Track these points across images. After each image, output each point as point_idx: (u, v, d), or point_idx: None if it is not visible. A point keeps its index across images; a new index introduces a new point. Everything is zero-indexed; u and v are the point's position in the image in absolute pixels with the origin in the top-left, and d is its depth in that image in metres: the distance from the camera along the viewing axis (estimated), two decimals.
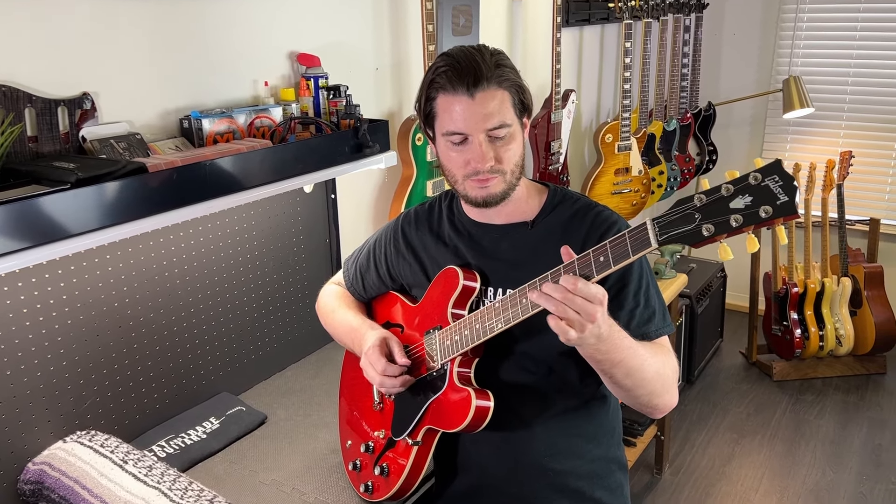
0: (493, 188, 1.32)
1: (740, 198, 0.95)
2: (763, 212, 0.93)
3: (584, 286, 1.10)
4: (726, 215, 0.96)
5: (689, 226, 0.99)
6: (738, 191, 0.95)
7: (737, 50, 4.39)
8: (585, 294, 1.10)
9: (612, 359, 1.19)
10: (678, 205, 1.00)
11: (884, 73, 4.03)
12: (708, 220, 0.97)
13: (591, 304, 1.10)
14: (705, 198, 0.98)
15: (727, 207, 0.96)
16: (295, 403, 1.91)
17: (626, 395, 1.29)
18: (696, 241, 0.99)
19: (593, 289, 1.10)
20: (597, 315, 1.10)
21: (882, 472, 3.11)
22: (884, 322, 3.78)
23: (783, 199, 0.92)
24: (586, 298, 1.10)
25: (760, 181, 0.94)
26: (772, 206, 0.92)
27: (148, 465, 1.48)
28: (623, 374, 1.22)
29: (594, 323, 1.10)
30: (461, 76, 1.26)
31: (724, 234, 0.96)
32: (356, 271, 1.62)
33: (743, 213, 0.95)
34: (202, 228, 1.81)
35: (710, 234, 0.97)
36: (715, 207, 0.97)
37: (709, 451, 3.28)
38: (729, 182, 0.96)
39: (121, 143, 1.54)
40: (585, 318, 1.10)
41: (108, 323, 1.64)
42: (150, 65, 1.65)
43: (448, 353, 1.33)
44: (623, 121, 3.28)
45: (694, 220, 0.98)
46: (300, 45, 2.00)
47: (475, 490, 1.45)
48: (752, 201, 0.94)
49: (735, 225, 0.95)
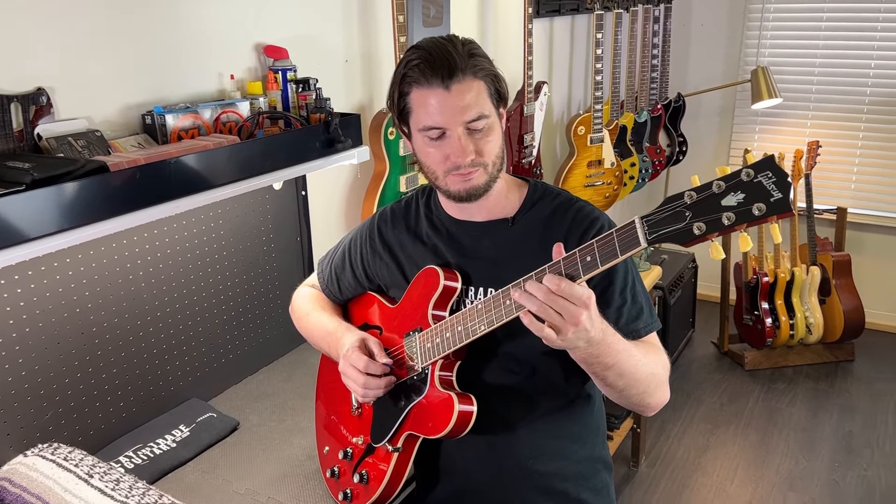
0: (475, 181, 1.28)
1: (732, 195, 0.92)
2: (756, 209, 0.90)
3: (568, 287, 1.05)
4: (718, 213, 0.93)
5: (680, 224, 0.95)
6: (730, 188, 0.92)
7: (705, 41, 4.40)
8: (569, 295, 1.05)
9: (605, 362, 1.16)
10: (668, 202, 0.97)
11: (849, 64, 4.07)
12: (699, 218, 0.94)
13: (575, 306, 1.06)
14: (696, 195, 0.95)
15: (719, 205, 0.93)
16: (268, 408, 1.86)
17: (617, 396, 1.26)
18: (686, 241, 0.95)
19: (578, 290, 1.06)
20: (580, 318, 1.06)
21: (853, 459, 3.15)
22: (852, 310, 3.83)
23: (777, 197, 0.89)
24: (570, 300, 1.06)
25: (753, 177, 0.91)
26: (765, 204, 0.89)
27: (115, 478, 1.41)
28: (616, 376, 1.20)
29: (577, 326, 1.06)
30: (435, 69, 1.21)
31: (716, 233, 0.93)
32: (331, 272, 1.57)
33: (735, 210, 0.92)
34: (167, 229, 1.74)
35: (701, 232, 0.94)
36: (706, 205, 0.94)
37: (684, 443, 3.29)
38: (720, 178, 0.93)
39: (79, 140, 1.46)
40: (569, 321, 1.06)
41: (70, 330, 1.56)
42: (110, 58, 1.58)
43: (429, 356, 1.28)
44: (595, 113, 3.25)
45: (684, 217, 0.95)
46: (267, 36, 1.93)
47: (459, 495, 1.41)
48: (745, 198, 0.91)
49: (727, 223, 0.92)
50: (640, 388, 1.24)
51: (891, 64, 3.98)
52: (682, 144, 4.17)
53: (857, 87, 4.08)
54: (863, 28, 3.99)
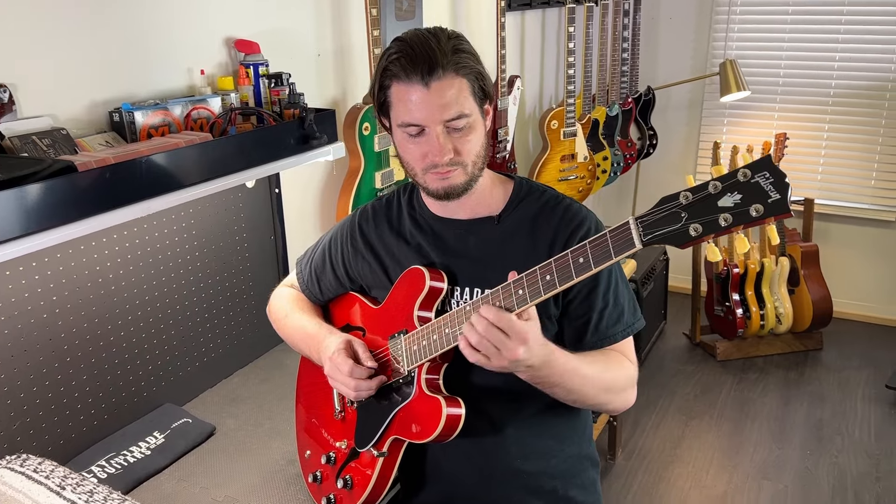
0: (453, 180, 1.25)
1: (729, 195, 0.90)
2: (754, 210, 0.88)
3: (507, 321, 1.07)
4: (714, 214, 0.91)
5: (676, 225, 0.94)
6: (727, 188, 0.90)
7: (673, 34, 4.42)
8: (508, 328, 1.07)
9: (551, 381, 1.19)
10: (662, 203, 0.95)
11: (814, 57, 4.12)
12: (695, 220, 0.92)
13: (510, 340, 1.07)
14: (691, 196, 0.93)
15: (715, 206, 0.91)
16: (244, 412, 1.81)
17: (572, 405, 1.30)
18: (682, 242, 0.94)
19: (517, 325, 1.07)
20: (518, 352, 1.08)
21: (824, 446, 3.19)
22: (820, 300, 3.88)
23: (775, 197, 0.87)
24: (507, 333, 1.07)
25: (750, 178, 0.89)
26: (763, 205, 0.88)
27: (88, 489, 1.36)
28: (564, 392, 1.23)
29: (515, 359, 1.08)
30: (415, 64, 1.18)
31: (713, 234, 0.92)
32: (310, 272, 1.53)
33: (732, 211, 0.90)
34: (137, 230, 1.68)
35: (697, 234, 0.92)
36: (702, 206, 0.92)
37: (659, 434, 3.31)
38: (716, 179, 0.91)
39: (44, 139, 1.40)
40: (507, 354, 1.08)
41: (38, 336, 1.50)
42: (74, 53, 1.51)
43: (415, 359, 1.25)
44: (568, 107, 3.24)
45: (680, 219, 0.93)
46: (237, 30, 1.88)
47: (447, 499, 1.39)
48: (742, 199, 0.89)
49: (724, 224, 0.90)
50: (592, 400, 1.27)
51: (855, 56, 4.03)
52: (652, 138, 4.19)
53: (823, 79, 4.13)
54: (827, 21, 4.04)
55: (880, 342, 4.11)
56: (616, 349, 1.31)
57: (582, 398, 1.25)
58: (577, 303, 1.30)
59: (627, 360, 1.32)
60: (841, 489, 2.93)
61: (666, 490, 2.95)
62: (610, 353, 1.30)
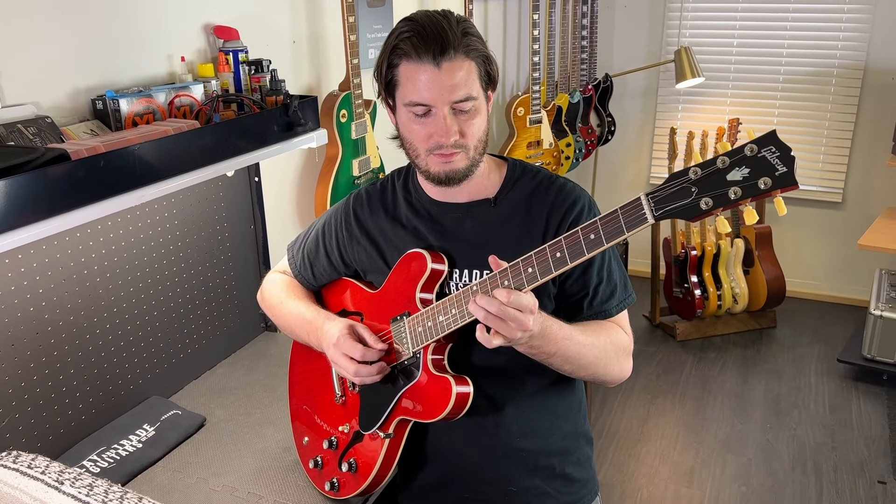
0: (456, 164, 1.26)
1: (737, 170, 0.94)
2: (763, 183, 0.93)
3: (517, 298, 1.11)
4: (724, 188, 0.95)
5: (687, 200, 0.97)
6: (735, 163, 0.95)
7: (629, 22, 4.50)
8: (518, 305, 1.11)
9: (547, 350, 1.22)
10: (672, 179, 0.99)
11: (764, 44, 4.25)
12: (706, 194, 0.96)
13: (523, 314, 1.12)
14: (701, 171, 0.97)
15: (724, 180, 0.95)
16: (233, 402, 1.80)
17: (569, 375, 1.33)
18: (693, 216, 0.97)
19: (524, 299, 1.12)
20: (529, 322, 1.12)
21: (783, 420, 3.32)
22: (773, 279, 4.03)
23: (782, 170, 0.92)
24: (518, 309, 1.11)
25: (757, 152, 0.93)
26: (771, 178, 0.92)
27: (87, 483, 1.33)
28: (561, 361, 1.25)
29: (527, 330, 1.13)
30: (427, 44, 1.18)
31: (722, 207, 0.96)
32: (303, 258, 1.52)
33: (741, 185, 0.94)
34: (120, 220, 1.65)
35: (708, 207, 0.96)
36: (712, 180, 0.96)
37: (626, 414, 3.39)
38: (724, 154, 0.95)
39: (29, 127, 1.37)
40: (518, 328, 1.12)
41: (24, 330, 1.47)
42: (54, 39, 1.48)
43: (421, 340, 1.27)
44: (533, 94, 3.28)
45: (691, 193, 0.97)
46: (215, 16, 1.85)
47: (448, 478, 1.40)
48: (750, 173, 0.94)
49: (734, 197, 0.94)
50: (589, 370, 1.30)
51: (802, 44, 4.18)
52: (610, 124, 4.27)
53: (772, 66, 4.27)
54: (776, 10, 4.18)
55: (830, 319, 4.28)
56: (612, 321, 1.35)
57: (578, 366, 1.27)
58: (572, 280, 1.33)
59: (622, 331, 1.36)
60: (801, 459, 3.05)
61: (636, 467, 3.03)
62: (604, 323, 1.34)
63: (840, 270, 4.43)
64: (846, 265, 4.39)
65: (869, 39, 4.03)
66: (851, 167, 4.26)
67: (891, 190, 4.16)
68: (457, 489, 1.41)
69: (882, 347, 3.53)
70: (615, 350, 1.34)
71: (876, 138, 4.15)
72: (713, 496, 2.85)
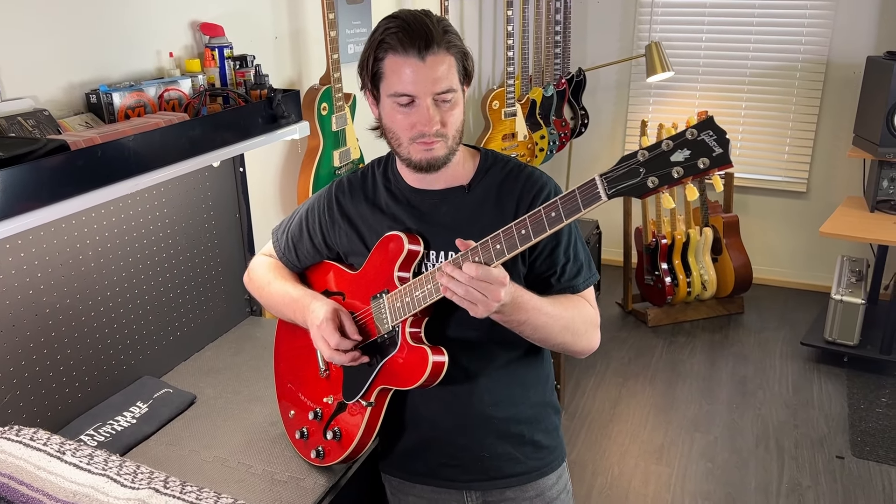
0: (436, 152, 1.36)
1: (679, 152, 1.06)
2: (701, 163, 1.04)
3: (486, 272, 1.21)
4: (668, 168, 1.06)
5: (635, 179, 1.09)
6: (678, 146, 1.06)
7: (601, 17, 4.63)
8: (487, 278, 1.21)
9: (518, 319, 1.32)
10: (623, 161, 1.10)
11: (731, 39, 4.40)
12: (652, 174, 1.07)
13: (493, 286, 1.22)
14: (648, 153, 1.08)
15: (668, 161, 1.06)
16: (222, 381, 1.89)
17: (540, 344, 1.43)
18: (642, 193, 1.08)
19: (494, 273, 1.22)
20: (500, 293, 1.22)
21: (748, 401, 3.47)
22: (741, 266, 4.18)
23: (718, 151, 1.03)
24: (489, 282, 1.21)
25: (697, 136, 1.05)
26: (708, 158, 1.04)
27: (87, 453, 1.42)
28: (531, 329, 1.35)
29: (500, 301, 1.23)
30: (413, 38, 1.28)
31: (667, 186, 1.07)
32: (287, 241, 1.62)
33: (683, 165, 1.05)
34: (113, 208, 1.73)
35: (654, 185, 1.07)
36: (657, 161, 1.07)
37: (598, 396, 3.52)
38: (668, 138, 1.06)
39: (29, 120, 1.45)
40: (491, 299, 1.22)
41: (24, 312, 1.55)
42: (50, 36, 1.56)
43: (399, 314, 1.37)
44: (508, 88, 3.39)
45: (639, 173, 1.08)
46: (201, 14, 1.94)
47: (425, 444, 1.51)
48: (691, 154, 1.05)
49: (677, 176, 1.06)
50: (558, 339, 1.40)
51: (768, 39, 4.33)
52: (584, 117, 4.39)
53: (739, 60, 4.41)
54: (742, 5, 4.32)
55: (795, 304, 4.45)
56: (579, 296, 1.46)
57: (547, 335, 1.37)
58: (540, 260, 1.44)
59: (589, 305, 1.47)
60: (764, 437, 3.20)
61: (608, 446, 3.16)
62: (573, 297, 1.45)
63: (805, 258, 4.60)
64: (811, 253, 4.55)
65: (831, 35, 4.19)
66: (815, 158, 4.42)
67: (851, 179, 4.33)
68: (434, 455, 1.52)
69: (842, 331, 3.68)
70: (582, 322, 1.44)
71: (838, 130, 4.31)
72: (681, 472, 2.98)
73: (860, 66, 3.96)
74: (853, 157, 3.91)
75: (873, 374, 3.64)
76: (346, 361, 1.42)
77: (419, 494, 1.57)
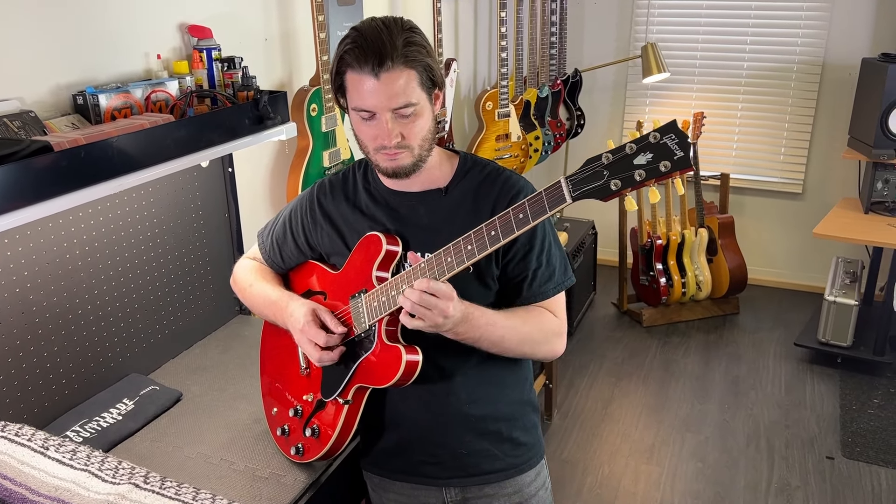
0: (400, 161, 1.38)
1: (642, 155, 1.08)
2: (663, 166, 1.06)
3: (435, 285, 1.27)
4: (631, 171, 1.08)
5: (599, 182, 1.11)
6: (641, 149, 1.08)
7: (598, 18, 4.64)
8: (436, 292, 1.26)
9: (472, 336, 1.38)
10: (588, 163, 1.12)
11: (728, 40, 4.41)
12: (615, 176, 1.09)
13: (441, 300, 1.27)
14: (612, 156, 1.10)
15: (631, 164, 1.09)
16: (208, 379, 1.92)
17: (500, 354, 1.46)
18: (605, 196, 1.11)
19: (443, 287, 1.27)
20: (448, 309, 1.26)
21: (740, 401, 3.49)
22: (736, 267, 4.19)
23: (679, 155, 1.05)
24: (437, 296, 1.26)
25: (659, 139, 1.07)
26: (670, 161, 1.06)
27: (71, 449, 1.45)
28: (487, 345, 1.41)
29: (447, 315, 1.27)
30: (367, 56, 1.29)
31: (630, 188, 1.09)
32: (272, 243, 1.64)
33: (645, 168, 1.07)
34: (101, 208, 1.76)
35: (617, 188, 1.09)
36: (621, 164, 1.09)
37: (591, 395, 3.54)
38: (632, 141, 1.08)
39: (14, 121, 1.48)
40: (438, 313, 1.27)
41: (11, 310, 1.58)
42: (37, 38, 1.59)
43: (376, 313, 1.40)
44: (501, 89, 3.41)
45: (603, 176, 1.10)
46: (189, 16, 1.96)
47: (405, 443, 1.53)
48: (653, 157, 1.07)
49: (639, 179, 1.08)
50: (516, 351, 1.46)
51: (763, 40, 4.34)
52: (580, 118, 4.41)
53: (735, 62, 4.43)
54: (739, 7, 4.33)
55: (790, 305, 4.45)
56: (545, 305, 1.49)
57: (504, 349, 1.43)
58: (513, 264, 1.46)
59: (551, 315, 1.49)
60: (755, 437, 3.22)
61: (599, 445, 3.18)
62: (532, 309, 1.47)
63: (801, 259, 4.60)
64: (806, 254, 4.56)
65: (827, 37, 4.20)
66: (811, 159, 4.43)
67: (847, 181, 4.33)
68: (413, 453, 1.54)
69: (835, 332, 3.69)
70: (542, 333, 1.48)
71: (834, 131, 4.32)
72: (671, 471, 3.00)
73: (856, 67, 3.97)
74: (847, 158, 3.92)
75: (866, 375, 3.65)
76: (336, 358, 1.44)
77: (399, 491, 1.59)
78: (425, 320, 1.28)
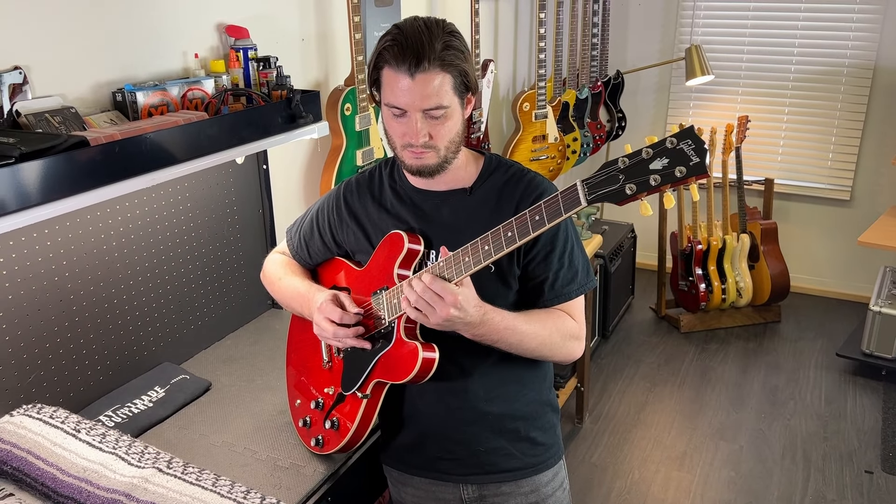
0: (426, 160, 1.40)
1: (658, 160, 1.07)
2: (678, 172, 1.05)
3: (442, 286, 1.28)
4: (646, 175, 1.08)
5: (614, 186, 1.11)
6: (657, 154, 1.08)
7: (642, 19, 4.59)
8: (439, 291, 1.28)
9: (491, 339, 1.39)
10: (604, 167, 1.12)
11: (775, 42, 4.32)
12: (630, 181, 1.09)
13: (443, 300, 1.28)
14: (628, 161, 1.10)
15: (647, 168, 1.08)
16: (237, 370, 1.97)
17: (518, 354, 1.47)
18: (620, 200, 1.11)
19: (450, 289, 1.28)
20: (450, 311, 1.28)
21: (777, 410, 3.42)
22: (778, 274, 4.10)
23: (695, 161, 1.05)
24: (440, 295, 1.28)
25: (676, 145, 1.06)
26: (685, 167, 1.05)
27: (101, 432, 1.51)
28: (506, 346, 1.42)
29: (447, 318, 1.29)
30: (404, 55, 1.31)
31: (645, 193, 1.09)
32: (300, 239, 1.68)
33: (661, 173, 1.07)
34: (138, 201, 1.82)
35: (632, 192, 1.09)
36: (636, 169, 1.09)
37: (625, 400, 3.51)
38: (648, 146, 1.08)
39: (56, 117, 1.54)
40: (440, 312, 1.29)
41: (50, 297, 1.65)
42: (80, 37, 1.65)
43: (395, 310, 1.42)
44: (539, 90, 3.41)
45: (618, 180, 1.10)
46: (227, 16, 2.01)
47: (423, 439, 1.55)
48: (669, 163, 1.07)
49: (654, 184, 1.07)
50: (535, 353, 1.47)
51: (812, 43, 4.24)
52: (621, 120, 4.37)
53: (783, 65, 4.33)
54: (787, 9, 4.24)
55: (834, 314, 4.34)
56: (564, 308, 1.49)
57: (522, 350, 1.44)
58: (535, 264, 1.47)
59: (570, 318, 1.49)
60: (791, 448, 3.15)
61: (630, 450, 3.15)
62: (552, 312, 1.48)
63: (847, 267, 4.48)
64: (853, 262, 4.44)
65: (879, 39, 4.08)
66: (860, 165, 4.31)
67: None
68: (430, 449, 1.56)
69: (881, 343, 3.59)
70: (560, 336, 1.48)
71: (885, 137, 4.20)
72: (702, 480, 2.96)
73: None
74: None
75: None
76: (351, 335, 1.46)
77: (417, 486, 1.61)
78: (429, 318, 1.30)
